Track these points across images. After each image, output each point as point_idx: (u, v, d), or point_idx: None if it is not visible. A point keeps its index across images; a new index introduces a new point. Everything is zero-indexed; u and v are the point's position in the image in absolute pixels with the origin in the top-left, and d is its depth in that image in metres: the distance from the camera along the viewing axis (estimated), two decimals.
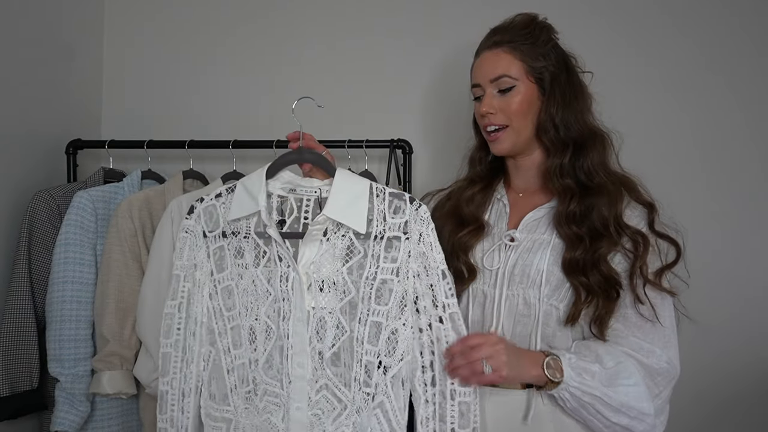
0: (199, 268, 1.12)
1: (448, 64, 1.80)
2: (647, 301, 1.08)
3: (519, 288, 1.12)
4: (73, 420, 1.40)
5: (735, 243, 1.69)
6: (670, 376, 1.09)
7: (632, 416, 1.04)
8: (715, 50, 1.71)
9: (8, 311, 1.44)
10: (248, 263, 1.10)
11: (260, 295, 1.09)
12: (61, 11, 1.72)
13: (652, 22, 1.72)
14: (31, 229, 1.48)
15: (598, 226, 1.10)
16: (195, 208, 1.13)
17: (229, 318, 1.11)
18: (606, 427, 1.06)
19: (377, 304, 1.04)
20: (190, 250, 1.12)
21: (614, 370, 1.05)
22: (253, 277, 1.10)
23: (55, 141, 1.67)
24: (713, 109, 1.70)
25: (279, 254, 1.07)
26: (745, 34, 1.69)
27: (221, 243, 1.12)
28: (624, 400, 1.04)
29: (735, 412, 1.69)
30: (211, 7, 1.88)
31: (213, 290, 1.12)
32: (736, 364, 1.68)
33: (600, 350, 1.08)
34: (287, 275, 1.07)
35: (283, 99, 1.84)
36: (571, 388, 1.04)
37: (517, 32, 1.18)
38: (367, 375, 1.05)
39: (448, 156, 1.79)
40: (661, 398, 1.08)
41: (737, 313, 1.68)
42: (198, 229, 1.13)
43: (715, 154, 1.70)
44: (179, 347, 1.12)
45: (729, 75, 1.70)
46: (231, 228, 1.11)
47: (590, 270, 1.08)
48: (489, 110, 1.17)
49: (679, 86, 1.71)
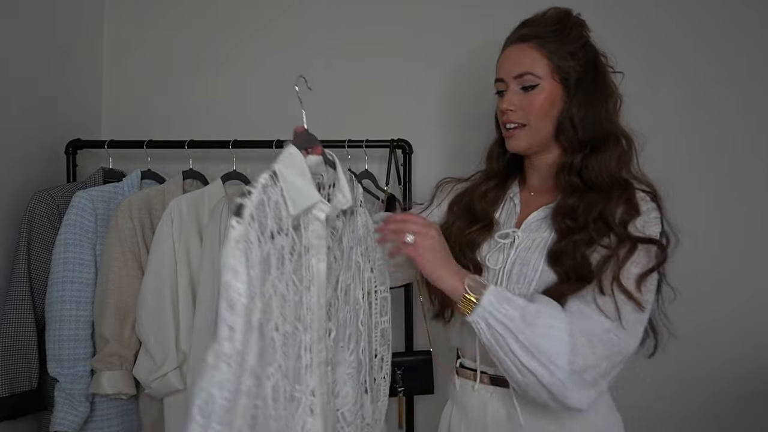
0: (256, 283, 0.87)
1: (449, 64, 1.80)
2: (611, 296, 1.00)
3: (517, 287, 1.11)
4: (72, 420, 1.40)
5: (739, 244, 1.69)
6: (613, 349, 0.98)
7: (542, 362, 0.95)
8: (709, 50, 1.72)
9: (8, 311, 1.44)
10: (286, 263, 0.93)
11: (292, 295, 0.96)
12: (61, 11, 1.72)
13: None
14: (31, 229, 1.48)
15: (585, 220, 1.07)
16: (244, 207, 0.82)
17: (266, 333, 0.90)
18: (519, 371, 0.97)
19: (347, 270, 1.09)
20: (249, 262, 0.83)
21: (539, 308, 0.98)
22: (289, 276, 0.94)
23: (55, 141, 1.67)
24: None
25: (305, 245, 0.97)
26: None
27: (269, 246, 0.88)
28: (537, 340, 0.95)
29: (735, 412, 1.68)
30: (211, 8, 1.88)
31: (263, 307, 0.90)
32: (737, 366, 1.68)
33: (538, 295, 1.02)
34: (309, 265, 0.98)
35: (283, 99, 1.85)
36: (486, 313, 0.98)
37: (546, 27, 1.14)
38: (339, 332, 1.09)
39: (448, 156, 1.80)
40: (598, 370, 0.98)
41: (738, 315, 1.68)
42: (254, 236, 0.84)
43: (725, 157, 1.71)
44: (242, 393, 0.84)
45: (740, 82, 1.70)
46: (277, 226, 0.90)
47: (565, 257, 1.05)
48: (509, 107, 1.14)
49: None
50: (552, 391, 0.96)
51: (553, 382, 0.96)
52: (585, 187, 1.11)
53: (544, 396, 0.98)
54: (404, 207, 1.65)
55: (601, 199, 1.08)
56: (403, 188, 1.66)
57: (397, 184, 1.67)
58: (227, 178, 1.62)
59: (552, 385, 0.96)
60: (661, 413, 1.68)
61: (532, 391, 0.99)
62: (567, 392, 0.96)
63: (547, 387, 0.96)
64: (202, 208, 1.53)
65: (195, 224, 1.50)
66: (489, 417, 1.13)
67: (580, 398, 0.97)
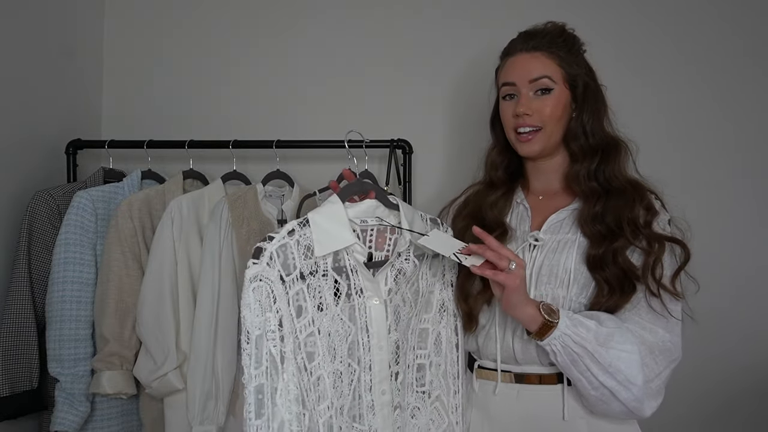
0: (285, 319, 0.94)
1: (449, 64, 1.80)
2: (658, 297, 1.09)
3: (547, 288, 1.13)
4: (72, 420, 1.40)
5: (738, 241, 1.69)
6: (671, 357, 1.09)
7: (619, 380, 1.04)
8: (710, 51, 1.72)
9: (8, 311, 1.44)
10: (328, 302, 1.01)
11: (341, 335, 1.02)
12: (61, 11, 1.72)
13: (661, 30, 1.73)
14: (31, 229, 1.48)
15: (616, 225, 1.12)
16: (264, 250, 0.94)
17: (312, 370, 0.98)
18: (594, 388, 1.05)
19: (425, 313, 1.15)
20: (268, 301, 0.92)
21: (610, 331, 1.05)
22: (333, 316, 1.01)
23: (55, 141, 1.67)
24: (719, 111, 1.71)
25: (354, 286, 1.03)
26: (744, 35, 1.70)
27: (301, 286, 0.97)
28: (614, 362, 1.03)
29: (735, 411, 1.69)
30: (211, 8, 1.88)
31: (295, 342, 0.96)
32: (736, 364, 1.69)
33: (603, 316, 1.08)
34: (362, 306, 1.04)
35: (283, 99, 1.86)
36: (564, 336, 1.03)
37: (553, 38, 1.19)
38: (420, 377, 1.14)
39: (448, 156, 1.80)
40: (661, 378, 1.08)
41: (739, 313, 1.68)
42: (274, 275, 0.94)
43: (717, 156, 1.71)
44: (272, 421, 0.91)
45: (732, 76, 1.71)
46: (309, 267, 0.98)
47: (609, 264, 1.10)
48: (526, 111, 1.17)
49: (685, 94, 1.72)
50: (628, 406, 1.06)
51: (629, 397, 1.05)
52: (604, 191, 1.17)
53: (619, 409, 1.08)
54: None
55: (626, 203, 1.14)
56: (403, 188, 1.66)
57: (397, 184, 1.67)
58: (227, 178, 1.62)
59: (628, 401, 1.05)
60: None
61: (604, 405, 1.07)
62: (642, 405, 1.06)
63: (624, 402, 1.05)
64: (202, 208, 1.53)
65: (195, 224, 1.50)
66: (517, 413, 1.15)
67: (651, 407, 1.08)
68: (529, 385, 1.14)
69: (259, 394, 0.91)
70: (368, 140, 1.21)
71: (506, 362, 1.16)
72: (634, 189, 1.17)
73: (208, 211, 1.52)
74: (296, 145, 1.65)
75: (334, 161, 1.59)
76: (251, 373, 0.91)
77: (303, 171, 1.69)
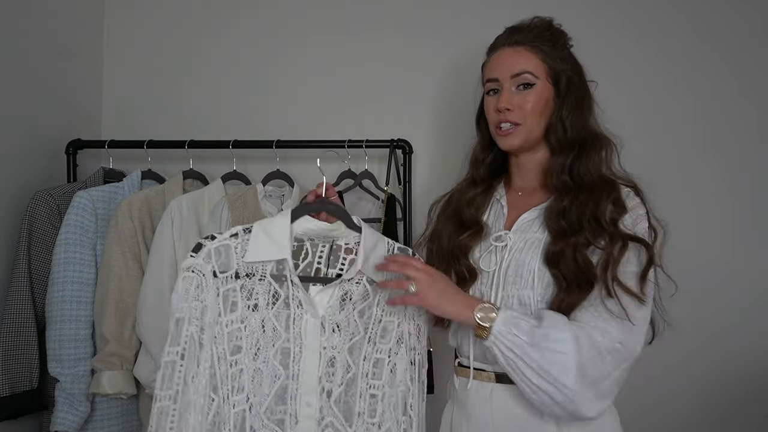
0: (210, 309, 1.05)
1: (449, 64, 1.80)
2: (616, 298, 1.04)
3: (513, 288, 1.13)
4: (72, 420, 1.40)
5: (730, 243, 1.69)
6: (621, 357, 1.04)
7: (550, 382, 1.01)
8: (706, 48, 1.72)
9: (8, 311, 1.44)
10: (260, 305, 1.08)
11: (269, 337, 1.08)
12: (61, 11, 1.72)
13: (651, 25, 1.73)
14: (31, 229, 1.48)
15: (578, 220, 1.10)
16: (203, 246, 1.06)
17: (233, 362, 1.06)
18: (533, 392, 1.03)
19: (381, 342, 1.14)
20: (197, 291, 1.04)
21: (546, 331, 1.02)
22: (263, 318, 1.08)
23: (55, 141, 1.67)
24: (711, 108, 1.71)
25: (293, 297, 1.08)
26: (731, 33, 1.71)
27: (233, 284, 1.07)
28: (544, 364, 1.01)
29: (734, 413, 1.68)
30: (211, 8, 1.88)
31: (219, 333, 1.06)
32: (735, 367, 1.68)
33: (547, 315, 1.05)
34: (299, 317, 1.09)
35: (283, 99, 1.86)
36: (497, 341, 1.02)
37: (539, 33, 1.19)
38: (371, 407, 1.13)
39: (448, 156, 1.80)
40: (611, 379, 1.04)
41: (737, 316, 1.68)
42: (207, 269, 1.05)
43: (712, 155, 1.71)
44: (178, 399, 1.01)
45: (726, 73, 1.71)
46: (246, 269, 1.07)
47: (567, 260, 1.08)
48: (507, 106, 1.17)
49: (676, 88, 1.72)
50: (565, 408, 1.03)
51: (563, 399, 1.02)
52: (575, 186, 1.15)
53: (558, 411, 1.04)
54: (404, 207, 1.66)
55: (592, 199, 1.12)
56: (403, 188, 1.66)
57: (397, 184, 1.67)
58: (227, 178, 1.62)
59: (563, 402, 1.02)
60: (658, 411, 1.69)
61: (547, 408, 1.05)
62: (578, 406, 1.02)
63: (560, 404, 1.02)
64: (202, 208, 1.53)
65: (195, 224, 1.50)
66: (490, 412, 1.14)
67: (592, 409, 1.03)
68: (501, 384, 1.13)
69: (167, 369, 1.02)
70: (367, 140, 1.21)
71: (482, 361, 1.15)
72: (604, 185, 1.14)
73: (208, 211, 1.52)
74: (296, 145, 1.66)
75: (334, 161, 1.59)
76: (167, 349, 1.03)
77: (303, 171, 1.69)
